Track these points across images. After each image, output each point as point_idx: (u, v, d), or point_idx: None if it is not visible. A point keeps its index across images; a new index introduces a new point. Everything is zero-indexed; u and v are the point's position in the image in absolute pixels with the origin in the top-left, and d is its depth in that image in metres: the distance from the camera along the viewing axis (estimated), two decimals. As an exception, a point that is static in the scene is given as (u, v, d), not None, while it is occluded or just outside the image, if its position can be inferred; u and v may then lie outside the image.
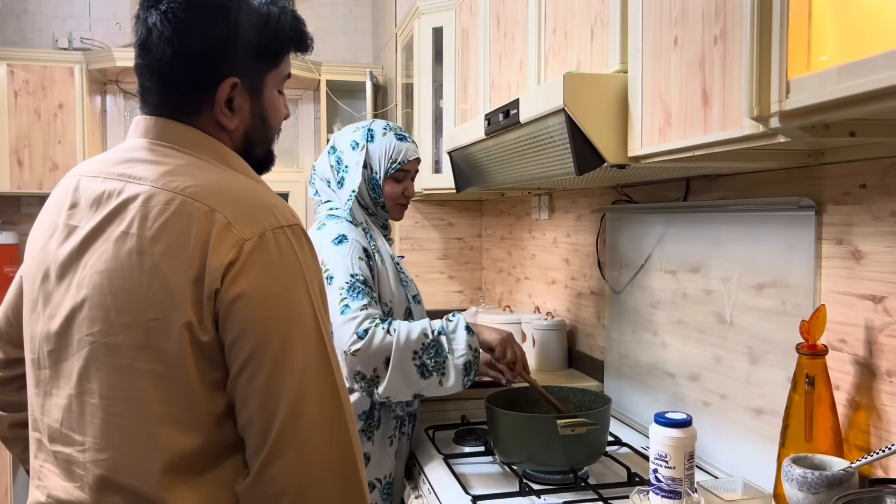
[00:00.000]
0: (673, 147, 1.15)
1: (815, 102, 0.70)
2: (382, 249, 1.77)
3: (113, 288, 0.88)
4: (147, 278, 0.87)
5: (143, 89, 1.00)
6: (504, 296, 3.15)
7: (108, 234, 0.90)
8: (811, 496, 1.12)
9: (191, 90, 0.97)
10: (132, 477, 0.87)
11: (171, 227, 0.88)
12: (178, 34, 0.93)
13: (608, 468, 1.66)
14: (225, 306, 0.86)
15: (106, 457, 0.88)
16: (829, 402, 1.23)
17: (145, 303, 0.87)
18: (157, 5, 0.95)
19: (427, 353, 1.57)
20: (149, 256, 0.87)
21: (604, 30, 1.39)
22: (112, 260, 0.89)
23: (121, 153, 0.98)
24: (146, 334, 0.87)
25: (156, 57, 0.95)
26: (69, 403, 0.91)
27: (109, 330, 0.88)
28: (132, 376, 0.88)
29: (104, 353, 0.89)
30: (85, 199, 0.95)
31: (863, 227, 1.23)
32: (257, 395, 0.87)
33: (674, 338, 1.77)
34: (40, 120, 3.56)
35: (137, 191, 0.91)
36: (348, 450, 0.92)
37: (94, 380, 0.89)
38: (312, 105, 4.23)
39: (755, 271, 1.48)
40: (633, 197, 1.99)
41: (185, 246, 0.87)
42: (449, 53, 2.57)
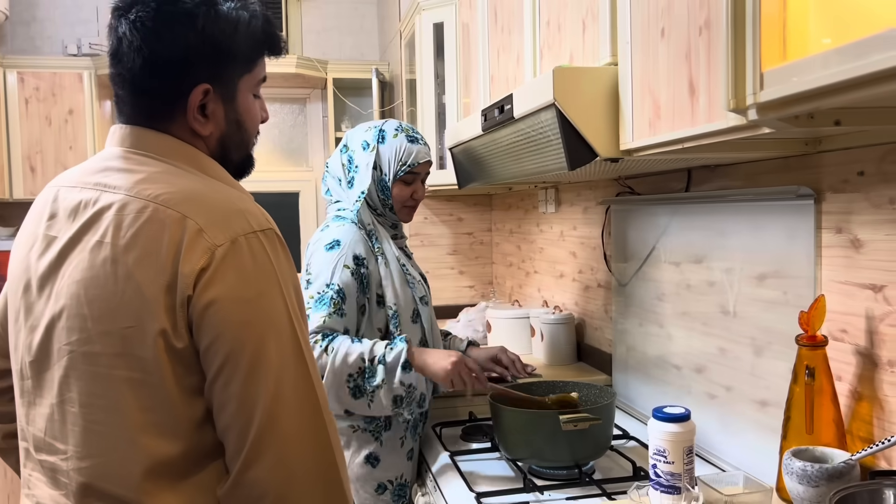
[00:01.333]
0: (663, 140, 1.14)
1: (789, 94, 0.69)
2: (388, 252, 1.74)
3: (89, 297, 0.88)
4: (121, 287, 0.87)
5: (117, 98, 1.00)
6: (514, 290, 3.15)
7: (84, 244, 0.90)
8: (811, 489, 1.10)
9: (163, 98, 0.97)
10: (114, 483, 0.88)
11: (144, 235, 0.88)
12: (147, 43, 0.93)
13: (615, 462, 1.65)
14: (198, 313, 0.86)
15: (88, 464, 0.89)
16: (831, 393, 1.21)
17: (120, 311, 0.87)
18: (126, 14, 0.94)
19: (362, 377, 1.57)
20: (122, 265, 0.87)
21: (594, 22, 1.38)
22: (88, 269, 0.89)
23: (97, 162, 0.99)
24: (122, 342, 0.87)
25: (127, 66, 0.95)
26: (51, 413, 0.92)
27: (87, 339, 0.89)
28: (110, 384, 0.88)
29: (82, 361, 0.89)
30: (63, 210, 0.95)
31: (862, 215, 1.21)
32: (233, 400, 0.87)
33: (679, 330, 1.76)
34: (51, 126, 3.60)
35: (112, 200, 0.91)
36: (328, 452, 0.92)
37: (73, 388, 0.90)
38: (320, 104, 4.24)
39: (757, 262, 1.46)
40: (636, 189, 1.98)
41: (158, 253, 0.87)
42: (450, 49, 2.56)
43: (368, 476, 1.71)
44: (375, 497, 1.71)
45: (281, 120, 4.28)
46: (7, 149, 3.55)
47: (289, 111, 4.29)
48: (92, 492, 0.89)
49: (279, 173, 4.25)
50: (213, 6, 0.96)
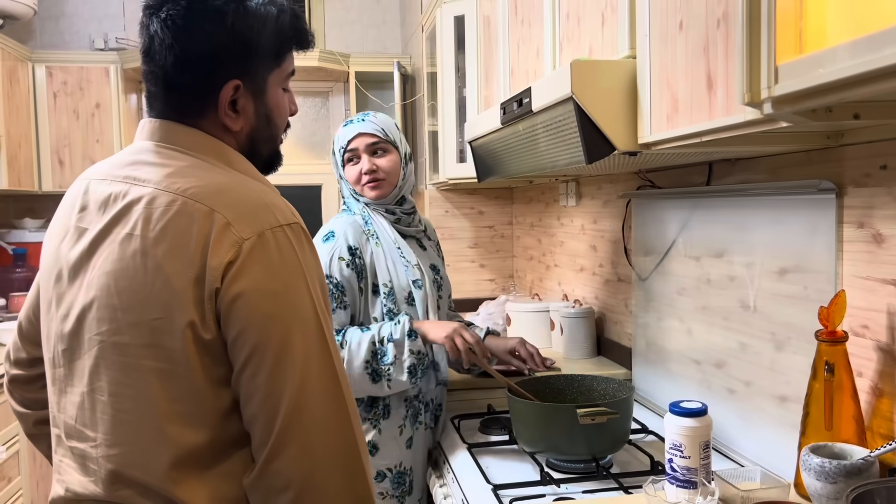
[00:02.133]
0: (681, 133, 1.13)
1: (803, 88, 0.68)
2: (382, 234, 1.80)
3: (119, 288, 0.91)
4: (151, 279, 0.89)
5: (149, 94, 1.02)
6: (535, 283, 3.14)
7: (115, 236, 0.93)
8: (829, 486, 1.09)
9: (195, 94, 0.99)
10: (141, 471, 0.90)
11: (173, 229, 0.90)
12: (179, 41, 0.95)
13: (633, 456, 1.65)
14: (226, 305, 0.88)
15: (116, 452, 0.91)
16: (851, 389, 1.20)
17: (150, 302, 0.89)
18: (157, 13, 0.96)
19: (375, 360, 1.66)
20: (152, 257, 0.89)
21: (613, 15, 1.37)
22: (118, 261, 0.91)
23: (127, 156, 1.01)
24: (151, 333, 0.89)
25: (159, 63, 0.97)
26: (82, 401, 0.95)
27: (117, 329, 0.91)
28: (139, 374, 0.90)
29: (112, 351, 0.91)
30: (93, 202, 0.97)
31: (884, 209, 1.19)
32: (260, 391, 0.89)
33: (699, 324, 1.75)
34: (79, 120, 3.66)
35: (141, 193, 0.93)
36: (351, 442, 0.93)
37: (103, 378, 0.92)
38: (343, 97, 4.25)
39: (778, 256, 1.44)
40: (657, 182, 1.96)
41: (187, 246, 0.89)
42: (471, 42, 2.56)
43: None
44: (374, 485, 1.73)
45: (304, 113, 4.31)
46: (36, 142, 3.62)
47: (311, 104, 4.31)
48: (120, 479, 0.91)
49: (302, 166, 4.27)
50: (241, 2, 0.97)
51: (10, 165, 3.35)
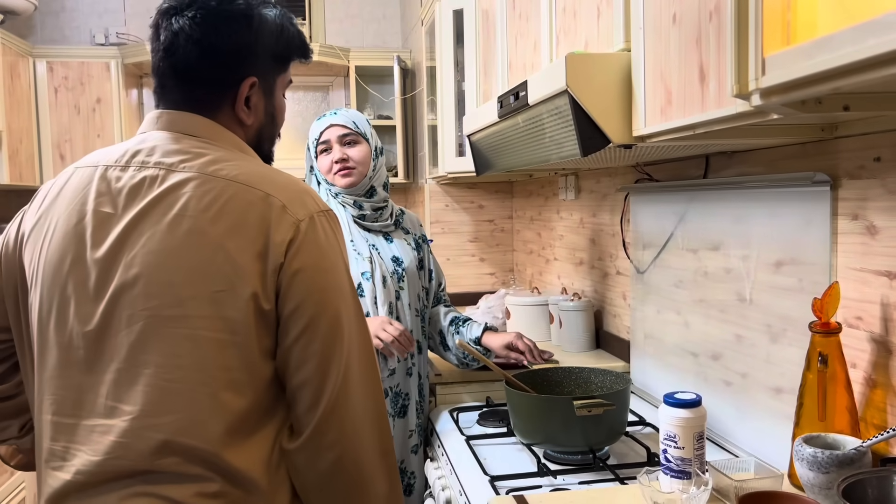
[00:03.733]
0: (674, 126, 1.14)
1: (789, 79, 0.69)
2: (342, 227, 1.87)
3: (173, 265, 0.95)
4: (210, 255, 0.95)
5: (163, 88, 1.08)
6: (534, 277, 3.15)
7: (158, 217, 0.97)
8: (821, 476, 1.10)
9: (215, 87, 1.06)
10: (195, 438, 0.94)
11: (231, 210, 0.97)
12: (207, 36, 1.03)
13: (630, 448, 1.66)
14: (287, 278, 0.96)
15: (167, 420, 0.94)
16: (844, 380, 1.21)
17: (210, 277, 0.95)
18: (182, 12, 1.03)
19: None
20: (210, 236, 0.95)
21: (609, 8, 1.37)
22: (167, 240, 0.96)
23: (147, 143, 1.04)
24: (212, 305, 0.95)
25: (182, 58, 1.03)
26: (117, 377, 0.97)
27: (171, 303, 0.95)
28: (195, 344, 0.95)
29: (164, 324, 0.95)
30: (119, 187, 1.01)
31: (878, 201, 1.20)
32: (314, 358, 0.97)
33: (696, 317, 1.75)
34: (80, 115, 3.67)
35: (185, 177, 0.99)
36: (381, 402, 1.06)
37: (150, 351, 0.95)
38: (343, 91, 4.25)
39: (773, 248, 1.45)
40: (654, 175, 1.97)
41: (247, 226, 0.96)
42: (469, 35, 2.56)
43: None
44: None
45: (304, 108, 4.31)
46: (37, 137, 3.63)
47: (311, 99, 4.32)
48: (168, 447, 0.94)
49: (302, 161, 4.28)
50: (262, 10, 1.07)
51: (11, 160, 3.36)
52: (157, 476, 0.95)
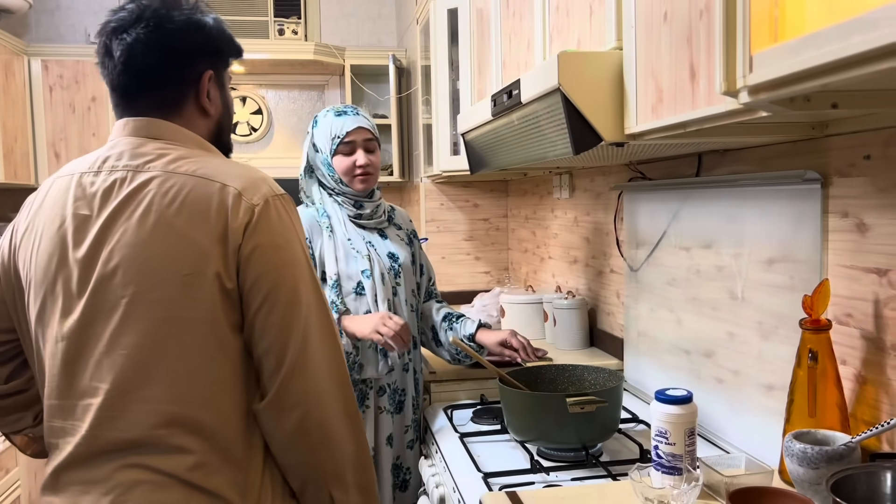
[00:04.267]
0: (666, 124, 1.14)
1: (776, 77, 0.69)
2: (336, 227, 1.87)
3: (146, 255, 1.06)
4: (176, 243, 1.06)
5: (126, 99, 1.16)
6: (529, 276, 3.16)
7: (129, 215, 1.07)
8: (811, 471, 1.11)
9: (179, 84, 1.16)
10: (178, 405, 1.05)
11: (192, 202, 1.07)
12: (164, 42, 1.13)
13: (623, 445, 1.66)
14: (245, 257, 1.07)
15: (151, 393, 1.05)
16: (834, 377, 1.21)
17: (179, 262, 1.05)
18: (132, 28, 1.13)
19: None
20: (175, 227, 1.06)
21: (601, 6, 1.38)
22: (138, 234, 1.06)
23: (116, 149, 1.14)
24: (183, 287, 1.05)
25: (144, 65, 1.13)
26: (99, 360, 1.07)
27: (146, 288, 1.05)
28: (171, 323, 1.05)
29: (141, 308, 1.05)
30: (92, 191, 1.10)
31: (868, 199, 1.20)
32: (275, 326, 1.08)
33: (689, 315, 1.76)
34: (75, 113, 3.67)
35: (148, 177, 1.09)
36: (343, 367, 1.16)
37: (129, 333, 1.05)
38: (339, 90, 4.26)
39: (765, 246, 1.46)
40: (648, 174, 1.98)
41: (208, 214, 1.07)
42: (464, 34, 2.57)
43: None
44: None
45: (299, 107, 4.31)
46: (32, 135, 3.62)
47: (307, 98, 4.32)
48: (157, 418, 1.05)
49: (297, 160, 4.27)
50: (203, 16, 1.19)
51: (6, 159, 3.36)
52: (147, 448, 1.05)
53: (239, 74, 4.16)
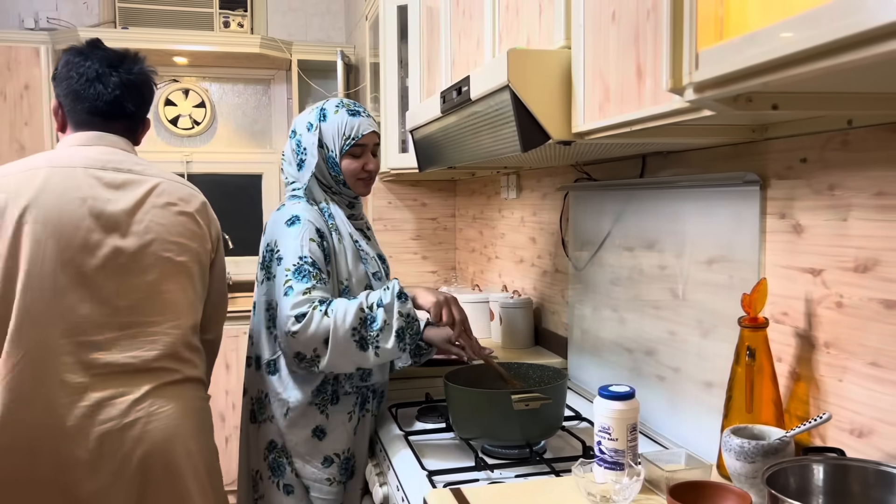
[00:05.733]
0: (612, 122, 1.15)
1: (721, 74, 0.71)
2: (342, 228, 1.78)
3: (175, 232, 1.55)
4: (192, 227, 1.60)
5: (105, 117, 1.59)
6: (476, 275, 3.17)
7: (152, 204, 1.53)
8: (748, 465, 1.14)
9: (137, 121, 1.66)
10: (180, 338, 1.54)
11: (188, 198, 1.61)
12: (142, 90, 1.64)
13: (566, 442, 1.68)
14: (217, 238, 1.69)
15: (174, 323, 1.54)
16: (770, 373, 1.25)
17: (194, 239, 1.59)
18: (119, 68, 1.59)
19: (364, 326, 1.59)
20: (185, 215, 1.58)
21: (550, 5, 1.39)
22: (165, 217, 1.55)
23: (107, 155, 1.54)
24: (195, 255, 1.59)
25: (127, 105, 1.61)
26: (149, 296, 1.52)
27: (177, 253, 1.55)
28: (187, 277, 1.57)
29: (172, 266, 1.54)
30: (106, 184, 1.50)
31: (803, 201, 1.24)
32: (220, 278, 1.72)
33: (631, 313, 1.79)
34: (6, 101, 3.52)
35: (156, 181, 1.57)
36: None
37: (165, 283, 1.53)
38: (285, 85, 4.20)
39: (706, 246, 1.49)
40: (593, 175, 2.00)
41: (200, 209, 1.63)
42: (414, 32, 2.56)
43: (315, 449, 1.72)
44: (322, 470, 1.73)
45: (244, 101, 4.23)
46: (-40, 124, 3.47)
47: (252, 92, 4.24)
48: (174, 343, 1.53)
49: (242, 154, 4.21)
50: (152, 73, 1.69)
51: (-69, 147, 3.20)
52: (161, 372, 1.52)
53: (182, 66, 4.06)
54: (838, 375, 1.18)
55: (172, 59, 3.93)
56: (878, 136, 1.09)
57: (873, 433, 1.12)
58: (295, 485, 1.73)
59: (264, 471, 1.76)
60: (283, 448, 1.73)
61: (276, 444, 1.74)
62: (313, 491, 1.72)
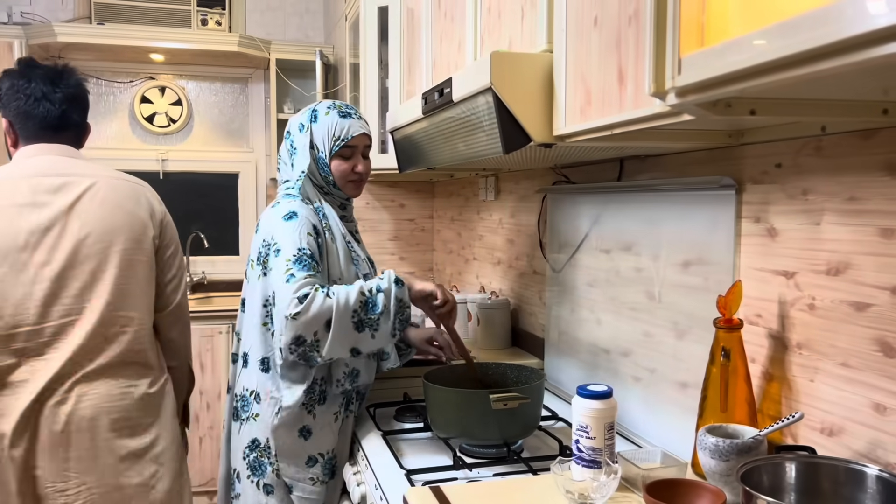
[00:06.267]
0: (593, 126, 1.17)
1: (703, 79, 0.73)
2: (335, 228, 1.79)
3: (111, 225, 1.71)
4: (128, 217, 1.75)
5: (55, 130, 1.79)
6: (454, 276, 3.18)
7: (87, 201, 1.70)
8: (722, 463, 1.16)
9: (81, 130, 1.86)
10: (136, 323, 1.75)
11: (127, 192, 1.78)
12: (82, 104, 1.85)
13: (543, 442, 1.70)
14: (163, 226, 1.84)
15: (130, 312, 1.73)
16: (744, 374, 1.27)
17: (133, 230, 1.75)
18: (61, 84, 1.80)
19: (364, 309, 1.61)
20: (124, 207, 1.75)
21: (533, 9, 1.41)
22: (100, 211, 1.70)
23: (57, 162, 1.74)
24: (136, 243, 1.75)
25: (73, 116, 1.81)
26: (87, 285, 1.69)
27: (112, 244, 1.71)
28: (132, 264, 1.74)
29: (112, 256, 1.71)
30: (41, 189, 1.68)
31: (778, 205, 1.27)
32: (174, 268, 1.87)
33: (608, 315, 1.81)
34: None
35: (92, 181, 1.73)
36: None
37: (109, 270, 1.70)
38: (263, 84, 4.18)
39: (682, 249, 1.52)
40: (571, 177, 2.02)
41: (140, 199, 1.80)
42: (394, 33, 2.56)
43: (300, 449, 1.72)
44: (305, 469, 1.72)
45: (221, 99, 4.20)
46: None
47: (230, 91, 4.22)
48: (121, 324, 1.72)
49: (218, 153, 4.17)
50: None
51: None
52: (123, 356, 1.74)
53: (158, 63, 4.02)
54: (810, 376, 1.21)
55: (149, 56, 3.90)
56: (850, 142, 1.12)
57: (843, 432, 1.15)
58: (275, 485, 1.73)
59: (243, 470, 1.76)
60: (267, 447, 1.72)
61: (259, 442, 1.73)
62: (296, 490, 1.72)
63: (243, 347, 1.81)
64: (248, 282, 1.80)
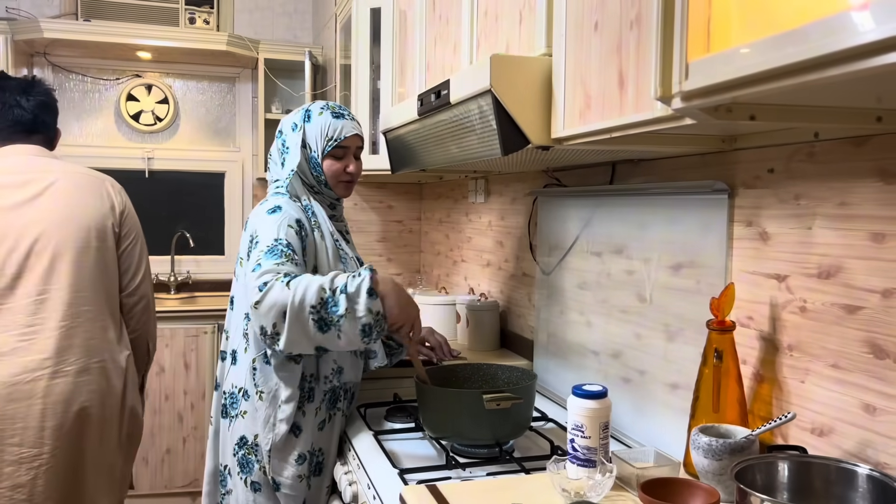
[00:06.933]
0: (592, 129, 1.19)
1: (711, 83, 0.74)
2: (323, 226, 1.78)
3: (67, 216, 1.95)
4: (86, 210, 1.98)
5: (28, 137, 2.06)
6: (442, 278, 3.19)
7: (48, 196, 1.94)
8: (715, 462, 1.18)
9: (52, 133, 2.12)
10: (92, 304, 1.98)
11: (88, 185, 2.02)
12: (53, 109, 2.13)
13: (533, 442, 1.71)
14: (124, 215, 2.06)
15: (78, 297, 1.95)
16: (736, 375, 1.30)
17: (91, 221, 1.98)
18: (32, 91, 2.08)
19: (325, 308, 1.51)
20: (80, 200, 1.98)
21: (531, 13, 1.42)
22: (56, 205, 1.94)
23: (27, 162, 2.00)
24: (96, 233, 1.98)
25: (44, 121, 2.09)
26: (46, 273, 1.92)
27: (70, 237, 1.94)
28: (88, 255, 1.97)
29: (67, 249, 1.93)
30: (9, 185, 1.93)
31: (770, 209, 1.30)
32: (135, 255, 2.10)
33: (598, 317, 1.83)
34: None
35: (54, 177, 1.97)
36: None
37: (61, 264, 1.92)
38: (251, 84, 4.16)
39: (673, 252, 1.54)
40: (563, 181, 2.04)
41: (101, 192, 2.04)
42: (386, 34, 2.57)
43: (289, 446, 1.72)
44: (294, 466, 1.72)
45: (208, 98, 4.18)
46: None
47: (217, 90, 4.20)
48: (82, 312, 1.96)
49: (205, 152, 4.15)
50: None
51: None
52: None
53: (145, 61, 4.00)
54: (801, 377, 1.24)
55: (136, 53, 3.87)
56: (842, 148, 1.15)
57: (833, 432, 1.17)
58: (262, 483, 1.72)
59: (233, 467, 1.75)
60: (254, 444, 1.72)
61: (247, 440, 1.73)
62: (283, 488, 1.72)
63: (231, 345, 1.80)
64: (237, 279, 1.79)
